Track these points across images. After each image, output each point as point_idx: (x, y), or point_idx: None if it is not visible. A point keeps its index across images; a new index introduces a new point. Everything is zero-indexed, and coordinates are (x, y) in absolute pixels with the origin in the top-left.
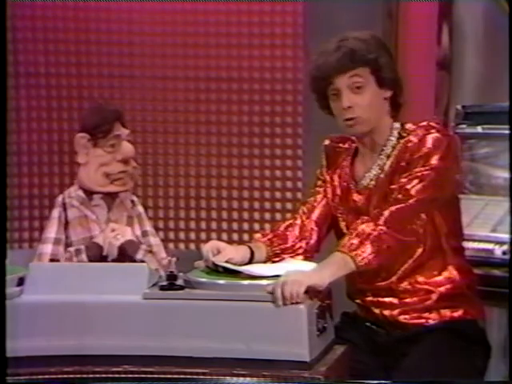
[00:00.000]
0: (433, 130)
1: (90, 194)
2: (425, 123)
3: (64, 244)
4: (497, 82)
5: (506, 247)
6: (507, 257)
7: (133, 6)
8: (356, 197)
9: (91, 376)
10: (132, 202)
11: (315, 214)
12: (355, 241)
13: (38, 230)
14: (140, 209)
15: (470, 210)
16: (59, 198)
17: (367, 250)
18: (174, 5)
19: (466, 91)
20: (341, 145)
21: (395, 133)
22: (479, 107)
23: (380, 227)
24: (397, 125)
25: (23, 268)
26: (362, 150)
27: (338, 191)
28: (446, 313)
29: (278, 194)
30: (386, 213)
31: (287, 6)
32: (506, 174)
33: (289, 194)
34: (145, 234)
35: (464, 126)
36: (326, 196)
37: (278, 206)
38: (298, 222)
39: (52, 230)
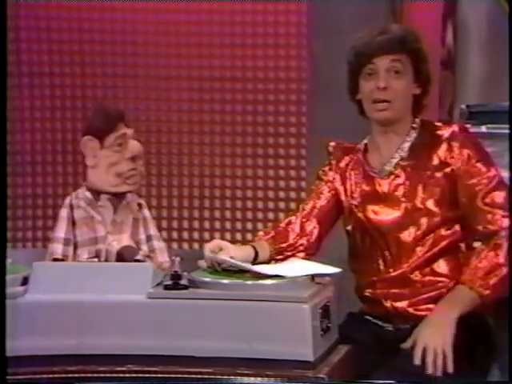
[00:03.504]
0: (472, 138)
1: (97, 195)
2: (459, 126)
3: (73, 244)
4: (501, 81)
5: None
6: None
7: (136, 5)
8: (379, 184)
9: (95, 375)
10: (139, 205)
11: (316, 213)
12: (478, 274)
13: (41, 230)
14: (146, 213)
15: None
16: (67, 200)
17: (491, 283)
18: (178, 4)
19: (471, 90)
20: (347, 145)
21: (416, 125)
22: (483, 107)
23: (503, 263)
24: (417, 120)
25: (27, 267)
26: (378, 142)
27: (354, 184)
28: None
29: (281, 194)
30: (499, 239)
31: (291, 5)
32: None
33: (292, 194)
34: (149, 238)
35: (468, 125)
36: (334, 194)
37: (282, 205)
38: (299, 219)
39: (62, 230)
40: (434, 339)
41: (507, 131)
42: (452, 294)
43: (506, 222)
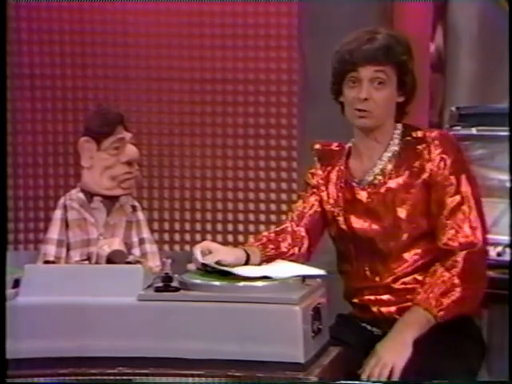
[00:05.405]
0: (453, 146)
1: (90, 196)
2: (440, 133)
3: (66, 245)
4: (491, 83)
5: (500, 248)
6: (502, 258)
7: (134, 6)
8: (359, 194)
9: (86, 378)
10: (133, 207)
11: (305, 221)
12: (433, 295)
13: (33, 232)
14: (140, 215)
15: None
16: (61, 200)
17: (445, 303)
18: (170, 5)
19: (461, 93)
20: (332, 147)
21: (398, 132)
22: (474, 109)
23: (458, 284)
24: (399, 125)
25: (18, 269)
26: (360, 149)
27: (335, 191)
28: None
29: (272, 196)
30: (458, 258)
31: (282, 7)
32: (501, 176)
33: (283, 196)
34: (141, 241)
35: (458, 127)
36: (319, 200)
37: (273, 207)
38: (289, 229)
39: (55, 231)
40: (387, 356)
41: (497, 133)
42: (408, 315)
43: (469, 241)
